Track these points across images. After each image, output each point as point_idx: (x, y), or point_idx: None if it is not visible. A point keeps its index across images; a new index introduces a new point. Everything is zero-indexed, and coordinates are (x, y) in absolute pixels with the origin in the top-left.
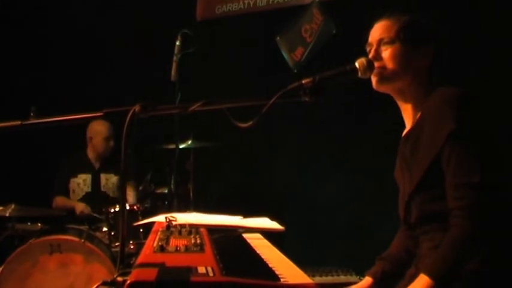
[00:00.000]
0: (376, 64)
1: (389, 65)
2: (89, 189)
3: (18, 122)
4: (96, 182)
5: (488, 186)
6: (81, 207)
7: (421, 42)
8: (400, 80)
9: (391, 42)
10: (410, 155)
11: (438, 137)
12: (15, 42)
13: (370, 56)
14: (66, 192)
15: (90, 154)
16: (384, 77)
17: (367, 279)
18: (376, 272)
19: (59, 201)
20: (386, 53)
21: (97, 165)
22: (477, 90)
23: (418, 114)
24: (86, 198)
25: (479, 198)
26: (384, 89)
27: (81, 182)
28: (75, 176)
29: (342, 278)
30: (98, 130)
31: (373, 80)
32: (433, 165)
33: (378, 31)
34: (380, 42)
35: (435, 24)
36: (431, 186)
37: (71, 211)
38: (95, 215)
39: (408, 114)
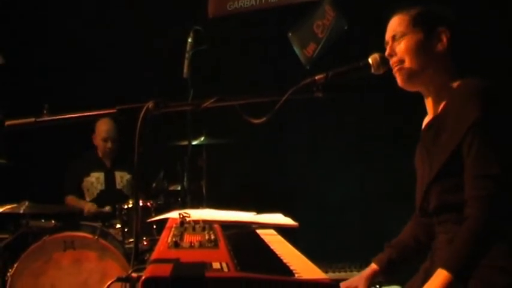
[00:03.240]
0: (392, 60)
1: (405, 57)
2: (103, 187)
3: (32, 119)
4: (110, 179)
5: (506, 179)
6: (87, 207)
7: (433, 26)
8: (423, 72)
9: (402, 36)
10: (432, 144)
11: (461, 126)
12: (25, 39)
13: (386, 53)
14: (78, 192)
15: (99, 153)
16: (407, 74)
17: (372, 266)
18: (382, 260)
19: (70, 201)
20: (400, 47)
21: (108, 163)
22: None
23: (442, 103)
24: (100, 197)
25: (496, 190)
26: (410, 87)
27: (95, 181)
28: (88, 175)
29: (355, 274)
30: (99, 130)
31: (398, 79)
32: (454, 155)
33: (390, 28)
34: (394, 39)
35: (449, 9)
36: (451, 176)
37: (81, 211)
38: (102, 210)
39: (431, 103)
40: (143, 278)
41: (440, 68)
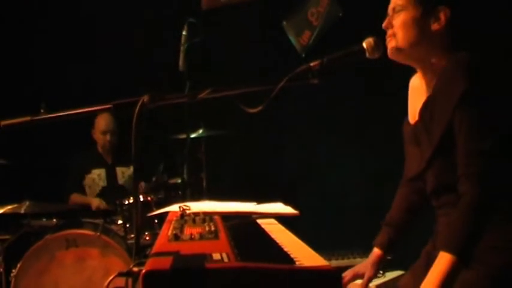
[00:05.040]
0: (388, 32)
1: (400, 32)
2: (105, 184)
3: (28, 118)
4: (111, 176)
5: (497, 154)
6: (96, 203)
7: (434, 4)
8: (413, 47)
9: (401, 9)
10: (429, 120)
11: (450, 101)
12: (19, 37)
13: (383, 25)
14: (81, 189)
15: (100, 148)
16: (397, 46)
17: (376, 252)
18: (383, 242)
19: (75, 198)
20: (398, 20)
21: (109, 159)
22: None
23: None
24: (102, 193)
25: (488, 165)
26: (398, 58)
27: (96, 177)
28: (89, 172)
29: (358, 261)
30: (97, 124)
31: (388, 49)
32: (449, 128)
33: (392, 0)
34: (393, 11)
35: None
36: (448, 152)
37: (87, 207)
38: (111, 207)
39: (428, 81)
40: (143, 271)
41: (434, 46)
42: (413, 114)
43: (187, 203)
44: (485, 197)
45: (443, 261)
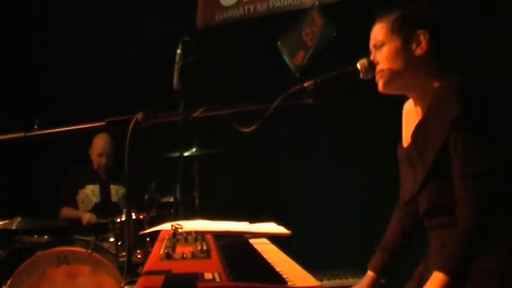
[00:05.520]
0: (377, 69)
1: (385, 65)
2: (98, 200)
3: (22, 134)
4: (105, 192)
5: (494, 177)
6: (87, 218)
7: (411, 31)
8: (401, 77)
9: (382, 45)
10: (422, 144)
11: (444, 125)
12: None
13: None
14: (73, 203)
15: (95, 167)
16: (385, 80)
17: (370, 275)
18: (377, 265)
19: (66, 212)
20: (380, 55)
21: (104, 176)
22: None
23: (426, 105)
24: (95, 209)
25: (486, 189)
26: (390, 91)
27: (90, 193)
28: (83, 187)
29: (350, 281)
30: (94, 146)
31: (378, 84)
32: (442, 153)
33: (372, 37)
34: (375, 48)
35: (432, 8)
36: (441, 177)
37: (78, 222)
38: (102, 221)
39: (421, 106)
40: None
41: (420, 71)
42: (407, 138)
43: (180, 222)
44: (482, 222)
45: (436, 280)
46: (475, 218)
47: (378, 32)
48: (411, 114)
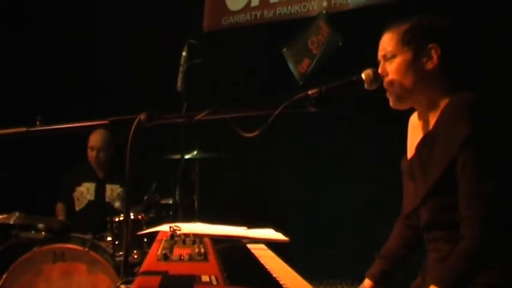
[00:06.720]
0: (385, 80)
1: (395, 78)
2: (92, 198)
3: (24, 129)
4: (100, 191)
5: (502, 197)
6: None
7: (423, 44)
8: (412, 93)
9: (392, 56)
10: (426, 159)
11: (453, 144)
12: (18, 50)
13: (379, 71)
14: (69, 200)
15: (92, 163)
16: (397, 97)
17: (367, 283)
18: (375, 273)
19: (58, 209)
20: (391, 67)
21: (101, 175)
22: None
23: (434, 120)
24: (88, 207)
25: (493, 210)
26: (402, 107)
27: (85, 191)
28: (80, 185)
29: None
30: (90, 140)
31: (390, 100)
32: (448, 171)
33: (381, 47)
34: (384, 59)
35: (443, 21)
36: (444, 193)
37: (74, 219)
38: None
39: (428, 119)
40: None
41: (431, 85)
42: (411, 150)
43: (178, 224)
44: (488, 241)
45: None
46: (479, 238)
47: (388, 42)
48: (417, 127)
